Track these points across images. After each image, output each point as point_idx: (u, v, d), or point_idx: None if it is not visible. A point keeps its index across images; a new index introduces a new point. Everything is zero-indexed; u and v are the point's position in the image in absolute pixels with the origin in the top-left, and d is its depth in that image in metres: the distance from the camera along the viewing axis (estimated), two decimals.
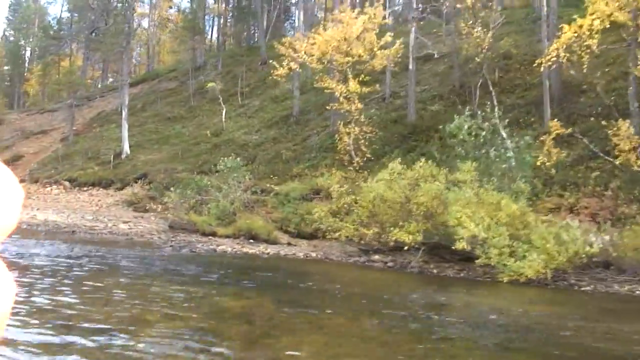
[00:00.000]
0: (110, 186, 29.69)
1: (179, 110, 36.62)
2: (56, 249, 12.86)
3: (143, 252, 13.37)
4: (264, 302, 8.34)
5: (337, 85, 21.07)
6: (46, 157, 36.70)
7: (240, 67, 39.00)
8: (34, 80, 61.85)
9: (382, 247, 12.54)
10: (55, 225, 20.02)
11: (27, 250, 11.77)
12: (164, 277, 9.90)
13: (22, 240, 14.29)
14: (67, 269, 10.31)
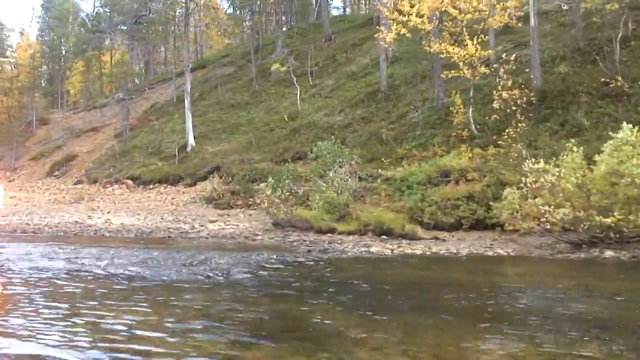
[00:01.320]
0: (178, 182, 27.29)
1: (241, 96, 34.07)
2: (173, 260, 10.20)
3: (283, 257, 10.63)
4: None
5: (455, 48, 17.92)
6: (102, 155, 34.63)
7: (303, 46, 36.15)
8: (74, 78, 60.30)
9: (605, 238, 9.48)
10: (139, 230, 17.58)
11: (146, 269, 9.12)
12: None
13: (119, 251, 11.75)
14: (231, 291, 7.61)
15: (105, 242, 14.41)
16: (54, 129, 45.96)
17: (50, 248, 12.22)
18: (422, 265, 10.26)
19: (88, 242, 14.43)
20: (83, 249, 11.93)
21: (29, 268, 9.25)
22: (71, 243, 13.79)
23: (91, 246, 12.75)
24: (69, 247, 12.47)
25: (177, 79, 43.80)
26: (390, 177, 18.40)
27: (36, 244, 13.44)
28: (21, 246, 12.77)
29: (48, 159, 38.87)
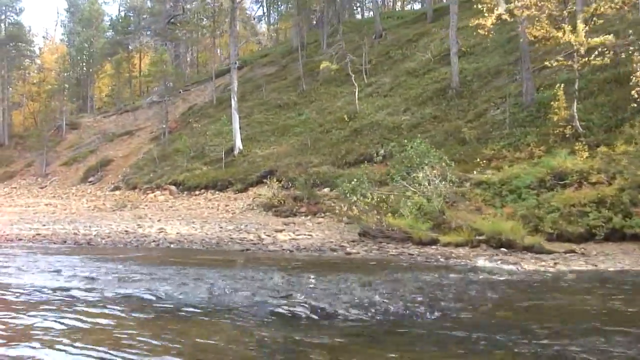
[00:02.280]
0: (227, 188, 25.52)
1: (288, 96, 32.30)
2: (320, 288, 8.17)
3: (450, 279, 8.66)
4: None
5: (562, 34, 15.85)
6: (139, 160, 33.02)
7: (352, 44, 34.26)
8: (102, 82, 59.08)
9: None
10: (203, 240, 15.79)
11: (304, 304, 7.09)
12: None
13: (199, 270, 9.90)
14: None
15: (179, 257, 12.55)
16: (84, 134, 44.62)
17: (137, 267, 10.40)
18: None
19: (162, 257, 12.61)
20: (184, 269, 10.00)
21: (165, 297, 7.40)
22: (145, 260, 11.96)
23: (178, 264, 10.89)
24: (152, 266, 10.64)
25: (212, 81, 42.25)
26: (485, 180, 16.39)
27: (105, 258, 11.65)
28: (99, 263, 10.96)
29: (81, 164, 37.41)
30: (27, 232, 18.05)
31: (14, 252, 13.35)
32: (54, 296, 7.21)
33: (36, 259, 11.45)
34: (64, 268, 9.72)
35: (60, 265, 10.23)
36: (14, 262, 10.89)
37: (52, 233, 17.40)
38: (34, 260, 11.24)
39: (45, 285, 7.90)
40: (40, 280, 8.53)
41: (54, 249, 13.99)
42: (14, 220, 22.68)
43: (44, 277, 8.84)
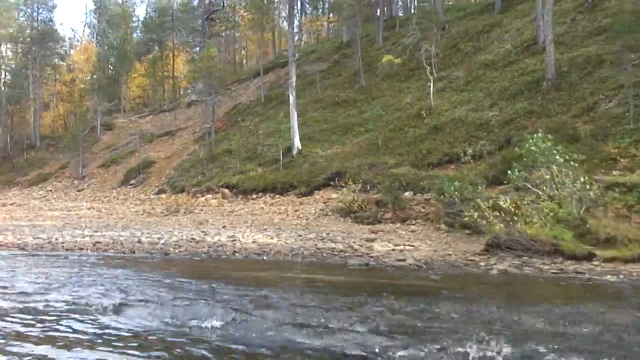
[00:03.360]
0: (288, 191, 23.34)
1: (345, 93, 30.09)
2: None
3: None
4: None
5: None
6: (184, 162, 31.01)
7: (411, 38, 31.94)
8: (133, 82, 57.43)
9: None
10: (292, 251, 13.67)
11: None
12: None
13: (314, 297, 7.70)
14: None
15: (300, 277, 10.34)
16: (121, 134, 42.91)
17: (253, 292, 8.20)
18: None
19: (288, 276, 10.41)
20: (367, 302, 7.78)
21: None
22: (274, 281, 9.78)
23: (295, 288, 8.68)
24: (267, 291, 8.43)
25: (255, 79, 40.26)
26: (623, 182, 13.98)
27: (219, 277, 9.49)
28: (238, 289, 8.79)
29: (119, 166, 35.55)
30: (82, 239, 16.01)
31: (91, 262, 11.26)
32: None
33: (128, 276, 9.32)
34: (201, 298, 7.56)
35: (186, 290, 8.06)
36: (121, 282, 8.79)
37: (113, 241, 15.31)
38: (136, 280, 9.12)
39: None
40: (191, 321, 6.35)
41: (131, 261, 11.91)
42: (59, 225, 20.74)
43: (198, 314, 6.68)
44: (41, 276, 9.50)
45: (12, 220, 24.25)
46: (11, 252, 14.01)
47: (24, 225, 21.20)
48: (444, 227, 16.08)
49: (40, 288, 8.34)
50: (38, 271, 10.17)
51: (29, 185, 39.08)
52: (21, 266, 10.95)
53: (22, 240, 16.17)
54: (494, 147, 19.35)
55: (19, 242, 15.70)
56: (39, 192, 36.03)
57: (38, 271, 10.17)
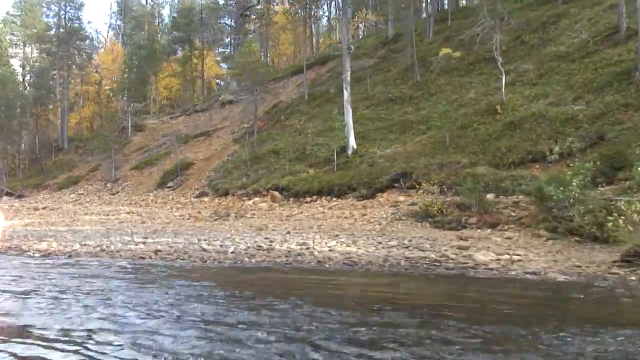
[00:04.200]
0: (346, 194, 21.67)
1: (399, 89, 28.38)
2: None
3: None
4: None
5: None
6: (225, 163, 29.53)
7: (465, 30, 30.14)
8: (160, 83, 56.22)
9: None
10: (386, 260, 11.95)
11: None
12: None
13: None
14: None
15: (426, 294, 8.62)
16: (153, 135, 41.60)
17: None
18: None
19: (393, 292, 8.68)
20: None
21: None
22: (405, 305, 8.07)
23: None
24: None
25: (293, 77, 38.72)
26: None
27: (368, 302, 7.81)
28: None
29: (154, 168, 34.17)
30: (135, 246, 14.43)
31: (168, 275, 9.64)
32: None
33: (245, 302, 7.67)
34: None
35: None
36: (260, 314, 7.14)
37: (175, 249, 13.68)
38: (268, 310, 7.47)
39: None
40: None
41: (212, 274, 10.30)
42: (102, 231, 19.25)
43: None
44: (135, 298, 7.85)
45: (48, 225, 22.89)
46: (63, 261, 12.46)
47: (63, 231, 19.76)
48: (546, 233, 14.26)
49: (161, 323, 6.54)
50: (122, 288, 8.56)
51: (59, 189, 37.90)
52: (95, 282, 9.34)
53: (70, 247, 14.66)
54: (585, 144, 17.51)
55: (68, 250, 14.18)
56: (70, 196, 34.78)
57: (122, 288, 8.56)
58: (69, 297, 7.59)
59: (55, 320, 6.22)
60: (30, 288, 8.45)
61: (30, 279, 9.49)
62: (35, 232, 19.69)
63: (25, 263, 11.98)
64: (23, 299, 7.60)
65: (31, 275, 10.04)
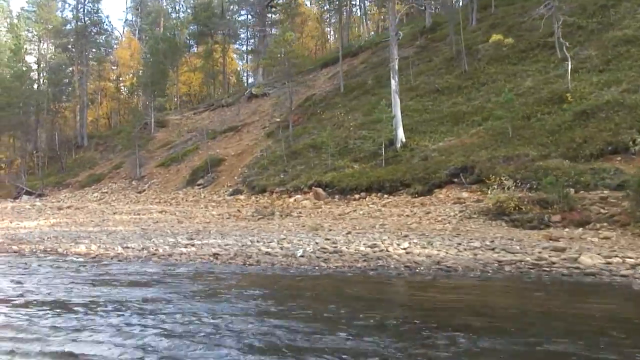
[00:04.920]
0: (398, 190, 20.15)
1: (445, 79, 26.85)
2: None
3: None
4: None
5: None
6: (258, 159, 28.12)
7: (512, 17, 28.55)
8: (181, 78, 54.88)
9: None
10: (486, 266, 10.38)
11: None
12: None
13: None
14: None
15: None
16: (174, 132, 40.25)
17: None
18: None
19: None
20: None
21: None
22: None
23: None
24: None
25: (323, 70, 37.23)
26: None
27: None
28: None
29: (182, 164, 32.81)
30: (185, 249, 13.03)
31: (250, 284, 8.21)
32: None
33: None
34: None
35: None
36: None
37: (233, 253, 12.25)
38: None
39: None
40: None
41: (296, 281, 8.90)
42: (138, 231, 17.91)
43: None
44: (256, 326, 6.36)
45: (76, 225, 21.59)
46: (117, 267, 11.05)
47: (96, 232, 18.46)
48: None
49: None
50: (224, 309, 7.11)
51: (81, 187, 36.66)
52: (190, 299, 7.92)
53: (113, 250, 13.29)
54: None
55: (112, 254, 12.78)
56: (93, 194, 33.52)
57: (224, 309, 7.11)
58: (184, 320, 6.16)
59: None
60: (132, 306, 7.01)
61: (110, 290, 8.07)
62: (65, 233, 18.40)
63: (75, 268, 10.59)
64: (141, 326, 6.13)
65: (103, 285, 8.62)
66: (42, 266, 10.91)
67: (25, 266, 11.07)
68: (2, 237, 17.66)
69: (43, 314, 6.50)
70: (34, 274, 9.88)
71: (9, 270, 10.41)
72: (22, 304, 7.15)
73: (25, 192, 38.65)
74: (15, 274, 9.95)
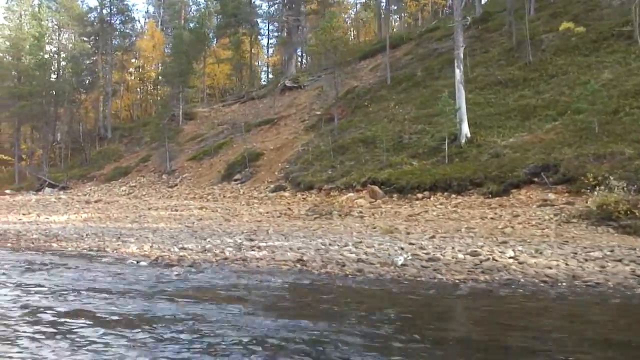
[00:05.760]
0: (467, 189, 18.27)
1: (506, 71, 25.00)
2: None
3: None
4: None
5: None
6: (302, 153, 26.44)
7: (575, 4, 26.63)
8: (207, 69, 53.26)
9: None
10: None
11: None
12: None
13: None
14: None
15: None
16: (206, 124, 38.64)
17: None
18: None
19: None
20: None
21: None
22: None
23: None
24: None
25: (362, 62, 35.44)
26: None
27: None
28: None
29: (215, 158, 31.21)
30: (257, 253, 11.27)
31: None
32: None
33: None
34: None
35: None
36: None
37: (322, 260, 10.48)
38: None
39: None
40: None
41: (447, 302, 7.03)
42: (182, 229, 16.27)
43: None
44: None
45: (112, 221, 19.97)
46: (183, 272, 9.30)
47: (136, 229, 16.79)
48: None
49: None
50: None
51: (107, 180, 35.15)
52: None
53: (168, 251, 11.58)
54: None
55: (175, 257, 11.03)
56: (121, 188, 31.96)
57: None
58: None
59: None
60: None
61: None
62: (103, 229, 16.73)
63: (146, 275, 8.83)
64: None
65: (213, 301, 6.83)
66: (103, 272, 9.17)
67: (80, 270, 9.37)
68: (36, 233, 16.07)
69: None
70: (103, 283, 8.15)
71: (72, 278, 8.69)
72: (151, 336, 5.33)
73: (48, 185, 37.22)
74: (82, 283, 8.22)
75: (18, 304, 6.69)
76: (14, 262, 10.09)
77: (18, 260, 10.59)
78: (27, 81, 42.97)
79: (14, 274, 8.97)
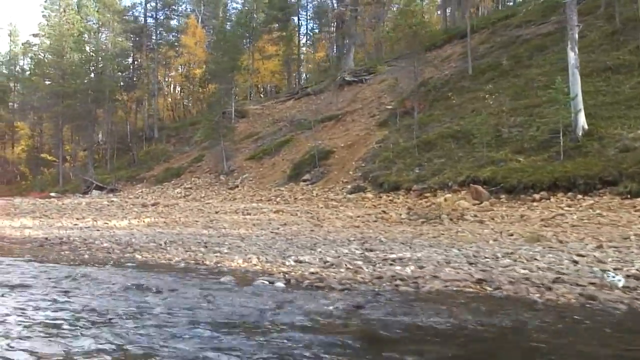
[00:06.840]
0: (596, 189, 15.75)
1: (611, 55, 22.33)
2: None
3: None
4: None
5: None
6: (380, 150, 24.29)
7: None
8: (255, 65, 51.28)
9: None
10: None
11: None
12: None
13: None
14: None
15: None
16: (260, 121, 36.67)
17: None
18: None
19: None
20: None
21: None
22: None
23: None
24: None
25: (430, 52, 32.91)
26: None
27: None
28: None
29: (276, 157, 29.15)
30: (381, 267, 8.91)
31: None
32: None
33: None
34: None
35: None
36: None
37: (466, 274, 8.06)
38: None
39: None
40: None
41: None
42: (273, 237, 14.05)
43: None
44: None
45: (182, 226, 17.93)
46: (340, 299, 6.96)
47: (216, 235, 14.71)
48: None
49: None
50: None
51: (158, 182, 33.34)
52: None
53: (279, 265, 9.34)
54: None
55: (307, 275, 8.72)
56: (175, 190, 30.08)
57: None
58: None
59: None
60: None
61: None
62: (179, 236, 14.60)
63: (297, 306, 6.47)
64: None
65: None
66: (239, 299, 6.86)
67: (204, 297, 7.08)
68: (105, 241, 13.97)
69: None
70: (254, 320, 5.85)
71: (200, 309, 6.42)
72: None
73: (95, 187, 35.57)
74: (221, 319, 5.94)
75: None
76: (120, 283, 7.85)
77: (116, 281, 8.37)
78: (70, 78, 41.53)
79: (145, 306, 6.73)
